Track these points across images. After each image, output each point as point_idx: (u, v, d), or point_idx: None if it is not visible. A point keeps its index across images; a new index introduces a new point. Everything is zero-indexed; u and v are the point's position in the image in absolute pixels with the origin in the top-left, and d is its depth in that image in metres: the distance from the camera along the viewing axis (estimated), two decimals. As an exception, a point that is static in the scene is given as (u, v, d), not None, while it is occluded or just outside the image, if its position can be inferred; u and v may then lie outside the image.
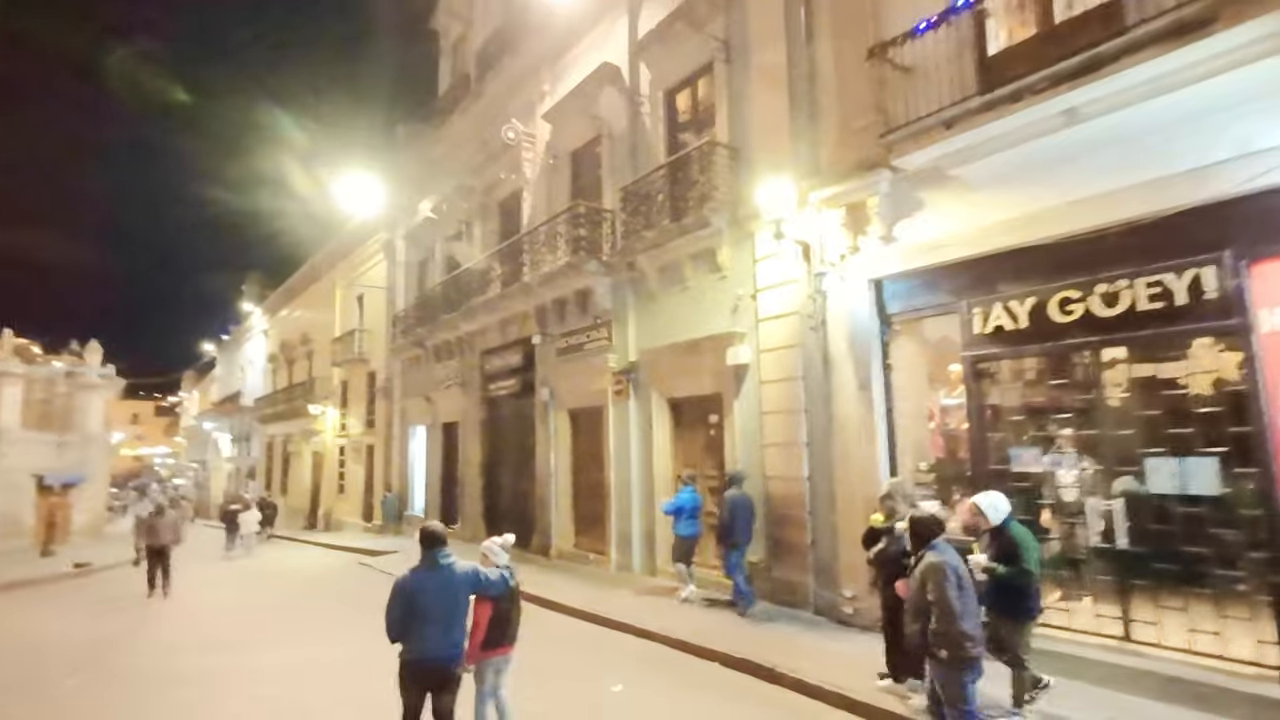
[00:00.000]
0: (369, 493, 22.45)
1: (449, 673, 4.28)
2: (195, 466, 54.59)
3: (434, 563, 4.31)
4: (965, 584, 4.23)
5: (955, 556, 4.33)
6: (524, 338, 13.97)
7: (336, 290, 26.46)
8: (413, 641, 4.21)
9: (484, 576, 4.49)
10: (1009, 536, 4.82)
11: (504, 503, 15.14)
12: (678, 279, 10.13)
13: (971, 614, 4.22)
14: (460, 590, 4.35)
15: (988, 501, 4.98)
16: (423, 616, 4.18)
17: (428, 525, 4.56)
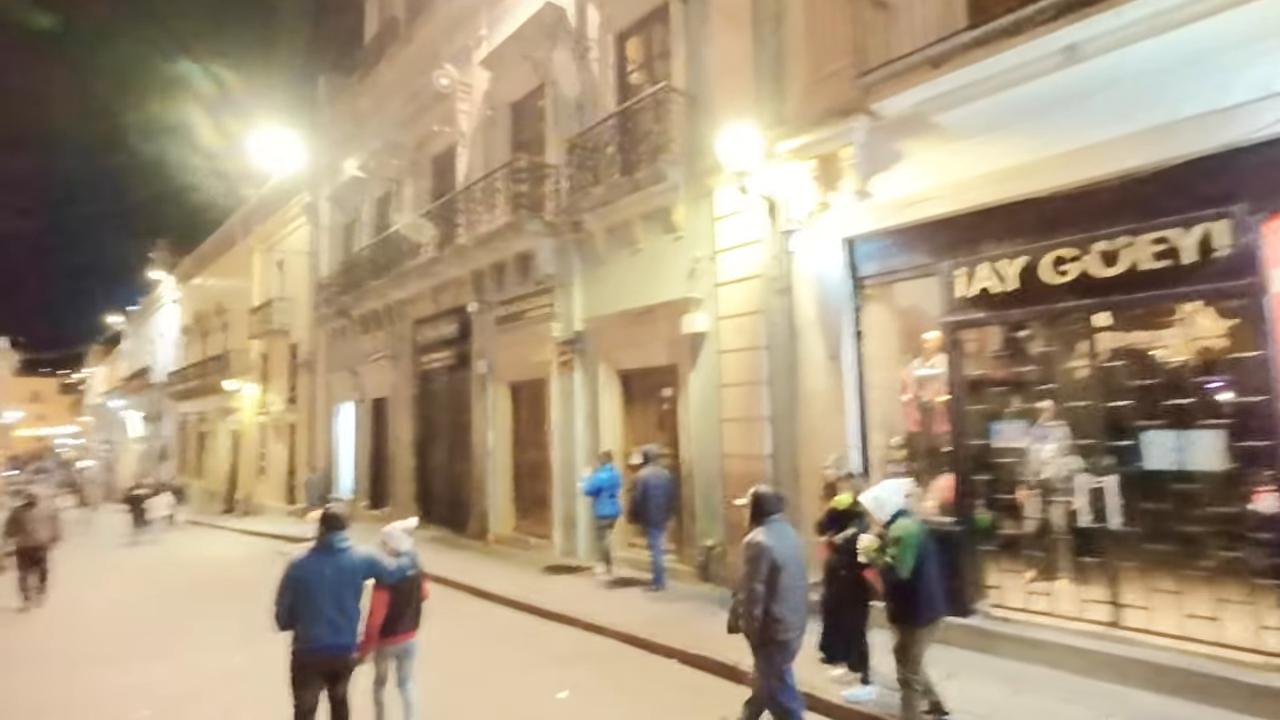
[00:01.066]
0: (292, 474, 20.92)
1: (341, 662, 4.13)
2: (104, 447, 50.83)
3: (329, 547, 4.16)
4: (785, 564, 3.99)
5: (779, 536, 4.08)
6: (459, 306, 12.89)
7: (255, 256, 24.47)
8: (302, 629, 4.02)
9: (379, 562, 4.36)
10: (892, 534, 4.28)
11: (438, 484, 14.12)
12: (628, 240, 9.30)
13: (789, 597, 4.00)
14: (354, 576, 4.19)
15: (871, 497, 4.43)
16: (314, 603, 4.01)
17: (329, 507, 4.41)
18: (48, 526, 9.62)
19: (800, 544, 4.30)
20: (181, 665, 6.40)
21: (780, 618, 3.94)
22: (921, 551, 4.17)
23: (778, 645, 4.01)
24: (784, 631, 3.97)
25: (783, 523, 4.21)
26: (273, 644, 4.61)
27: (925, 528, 4.35)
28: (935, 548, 4.35)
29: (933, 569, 4.23)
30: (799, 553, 4.18)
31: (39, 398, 70.78)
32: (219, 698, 5.60)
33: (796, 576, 4.06)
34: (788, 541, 4.12)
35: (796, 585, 4.05)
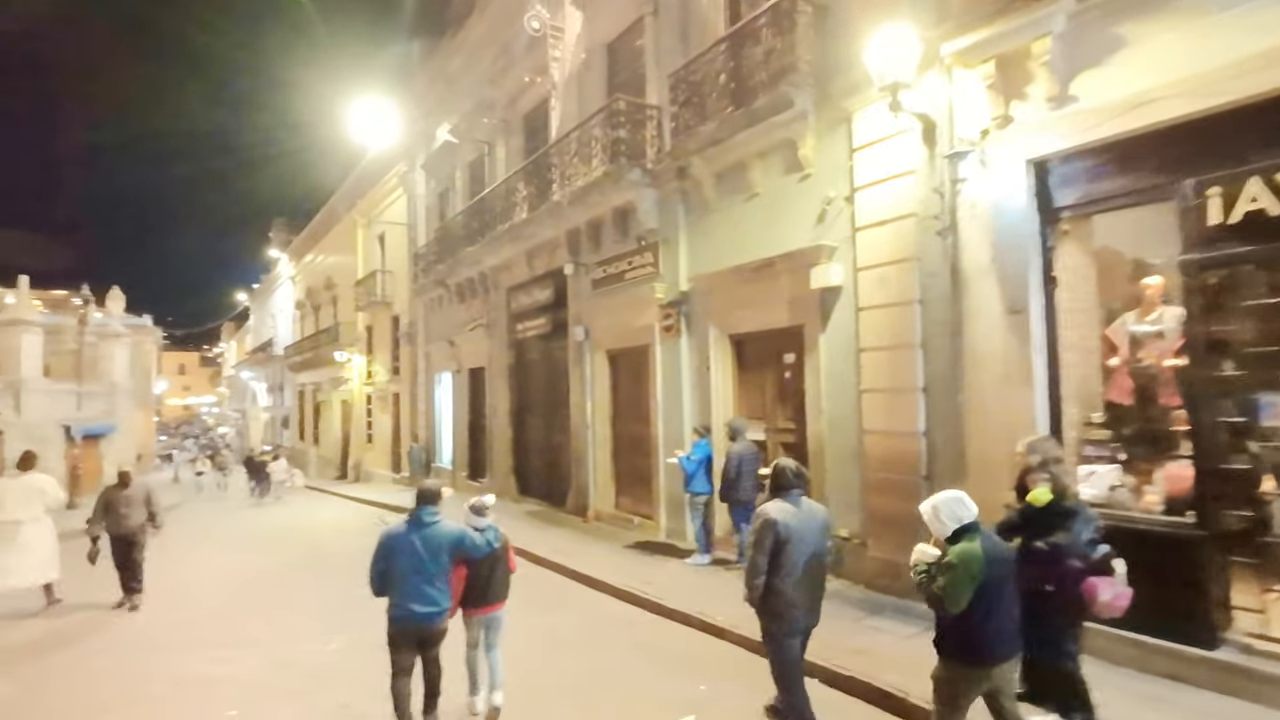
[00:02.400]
0: (396, 443, 21.28)
1: (430, 630, 4.24)
2: (236, 415, 55.09)
3: (419, 520, 4.29)
4: (793, 539, 3.89)
5: (794, 511, 3.96)
6: (554, 270, 12.12)
7: (358, 230, 24.90)
8: (394, 598, 4.19)
9: (468, 538, 4.40)
10: (947, 558, 3.34)
11: (535, 456, 13.60)
12: (742, 185, 8.09)
13: (796, 572, 3.89)
14: (441, 549, 4.25)
15: (929, 506, 3.43)
16: (403, 572, 4.16)
17: (424, 482, 4.59)
18: (140, 509, 7.69)
19: (825, 521, 4.18)
20: (274, 655, 5.97)
21: (781, 591, 3.88)
22: (986, 583, 3.24)
23: (776, 617, 3.98)
24: (785, 606, 3.91)
25: (801, 497, 4.08)
26: (367, 629, 4.79)
27: (1000, 551, 3.41)
28: (1010, 573, 3.41)
29: (1002, 603, 3.32)
30: (818, 529, 4.05)
31: (184, 370, 77.81)
32: (307, 699, 5.07)
33: (807, 553, 3.93)
34: (803, 517, 3.98)
35: (807, 561, 3.92)
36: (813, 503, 4.20)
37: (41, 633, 6.80)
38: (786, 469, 4.11)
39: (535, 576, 8.44)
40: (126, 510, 7.55)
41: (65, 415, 20.56)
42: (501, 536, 4.68)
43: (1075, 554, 3.80)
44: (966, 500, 3.37)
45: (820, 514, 4.16)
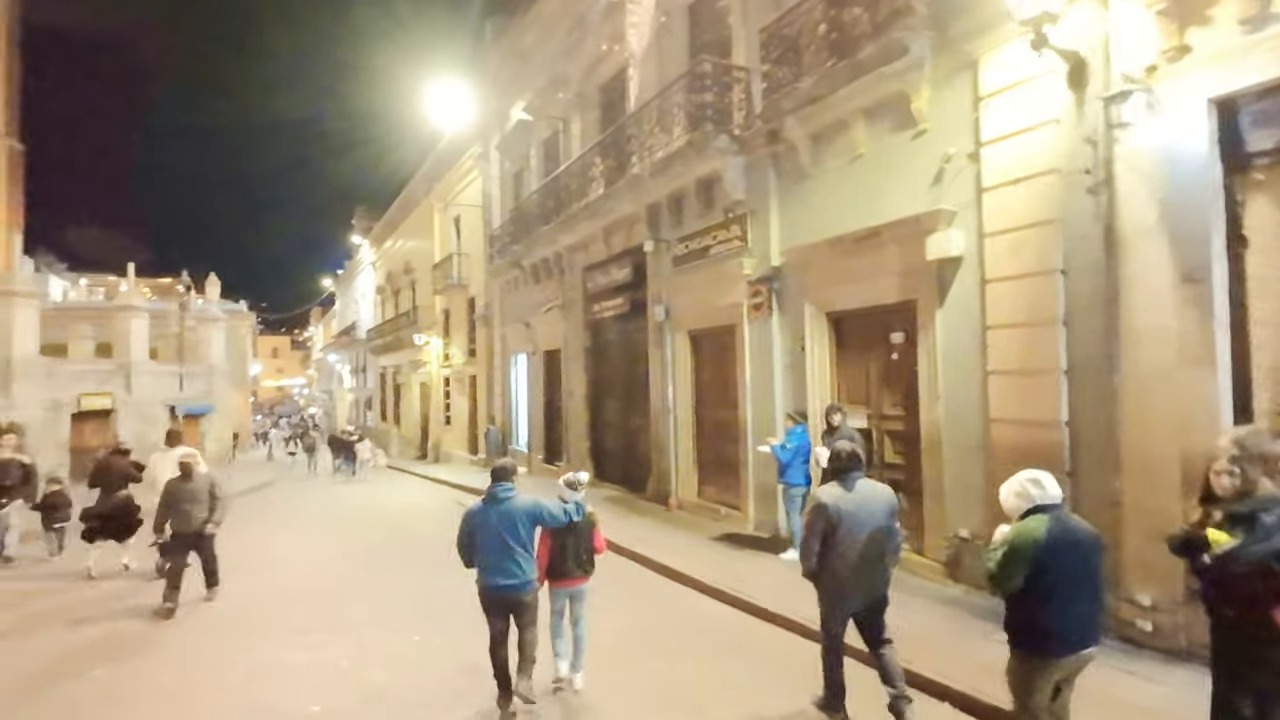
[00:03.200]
0: (473, 424, 21.50)
1: (515, 600, 4.34)
2: (324, 396, 57.79)
3: (494, 496, 4.40)
4: (846, 521, 3.90)
5: (848, 494, 3.97)
6: (633, 247, 11.66)
7: (434, 214, 25.18)
8: (480, 570, 4.37)
9: (545, 509, 4.46)
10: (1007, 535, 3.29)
11: (613, 441, 13.28)
12: (844, 147, 7.37)
13: (850, 554, 3.90)
14: (518, 522, 4.34)
15: (1005, 486, 3.36)
16: (485, 547, 4.33)
17: (498, 461, 4.67)
18: (203, 504, 6.97)
19: (888, 502, 4.07)
20: (356, 644, 5.82)
21: (835, 571, 3.94)
22: (1047, 566, 3.12)
23: (827, 596, 4.07)
24: (837, 585, 3.98)
25: (859, 479, 4.07)
26: (448, 622, 5.42)
27: (1073, 535, 3.20)
28: (1088, 560, 3.20)
29: (1070, 590, 3.14)
30: (877, 511, 3.99)
31: (277, 354, 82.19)
32: (388, 697, 4.84)
33: (862, 535, 3.92)
34: (859, 499, 3.98)
35: (863, 543, 3.92)
36: (874, 484, 4.19)
37: (130, 612, 6.89)
38: (843, 451, 4.13)
39: (617, 567, 8.09)
40: (190, 506, 6.89)
41: (169, 395, 21.78)
42: (587, 512, 4.72)
43: (1261, 567, 3.02)
44: (1044, 480, 3.26)
45: (881, 496, 4.08)
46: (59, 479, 9.38)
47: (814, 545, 3.95)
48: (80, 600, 7.24)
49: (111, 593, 7.48)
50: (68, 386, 17.90)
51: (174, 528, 6.91)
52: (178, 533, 6.91)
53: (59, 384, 17.57)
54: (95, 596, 7.39)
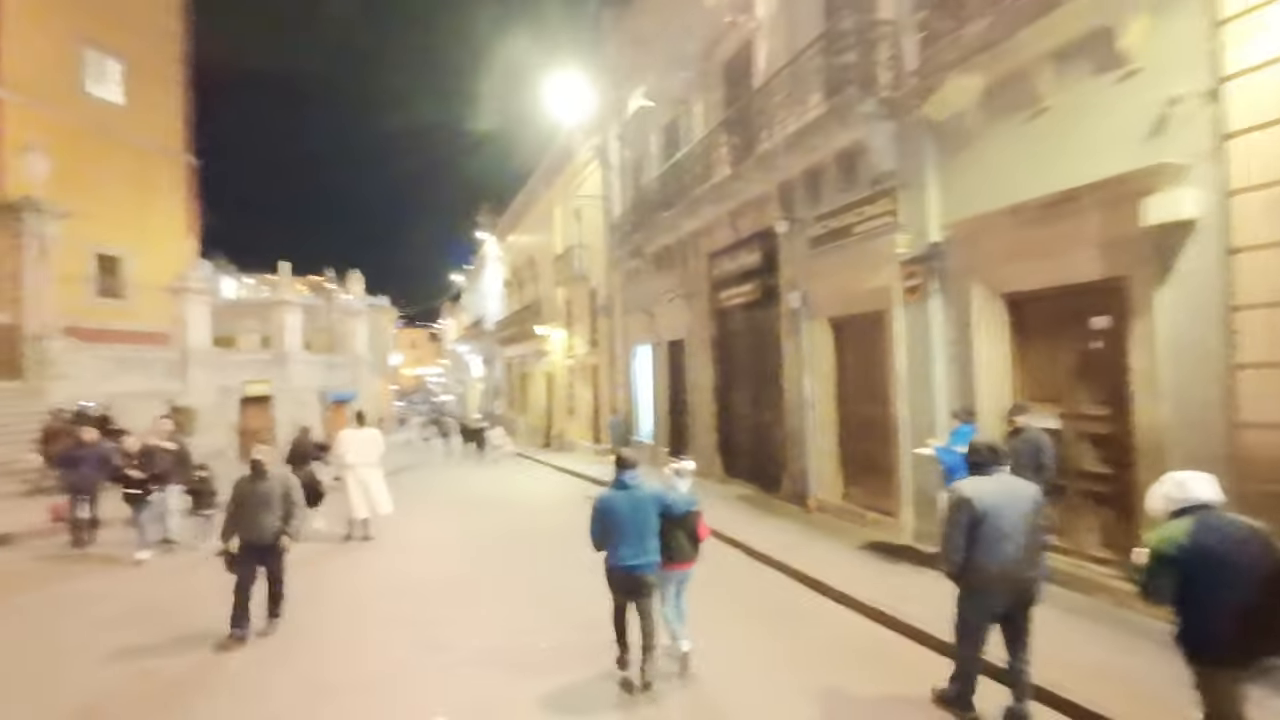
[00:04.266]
0: (596, 415, 21.55)
1: (640, 580, 4.68)
2: (456, 385, 61.09)
3: (623, 484, 4.75)
4: (989, 514, 3.75)
5: (989, 488, 3.85)
6: (763, 230, 10.91)
7: (555, 208, 25.48)
8: (609, 552, 4.72)
9: (668, 500, 4.88)
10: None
11: (742, 435, 12.62)
12: (1023, 99, 6.27)
13: (995, 547, 3.75)
14: (646, 508, 4.73)
15: (1152, 493, 3.25)
16: (614, 531, 4.67)
17: (621, 451, 5.08)
18: (277, 510, 5.80)
19: (1033, 498, 3.87)
20: (483, 645, 5.62)
21: (981, 568, 3.79)
22: (1192, 569, 2.93)
23: (971, 593, 3.91)
24: (983, 583, 3.83)
25: (1001, 474, 3.95)
26: (578, 630, 5.56)
27: (1223, 534, 2.95)
28: (1248, 561, 2.89)
29: (1228, 593, 2.89)
30: (1024, 507, 3.82)
31: (415, 345, 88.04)
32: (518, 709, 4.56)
33: (1009, 529, 3.76)
34: (1003, 493, 3.84)
35: (1010, 539, 3.76)
36: (1017, 480, 4.04)
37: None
38: (982, 446, 4.06)
39: (754, 576, 7.52)
40: (260, 512, 5.71)
41: (319, 383, 23.50)
42: (696, 501, 5.14)
43: None
44: (1190, 480, 3.12)
45: (1026, 492, 3.91)
46: (205, 466, 9.64)
47: (959, 540, 3.80)
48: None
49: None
50: (234, 374, 19.65)
51: (242, 537, 5.77)
52: (246, 543, 5.77)
53: (227, 372, 19.31)
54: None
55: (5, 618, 6.69)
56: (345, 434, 9.80)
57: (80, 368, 15.35)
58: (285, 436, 21.54)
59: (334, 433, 21.47)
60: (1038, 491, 3.95)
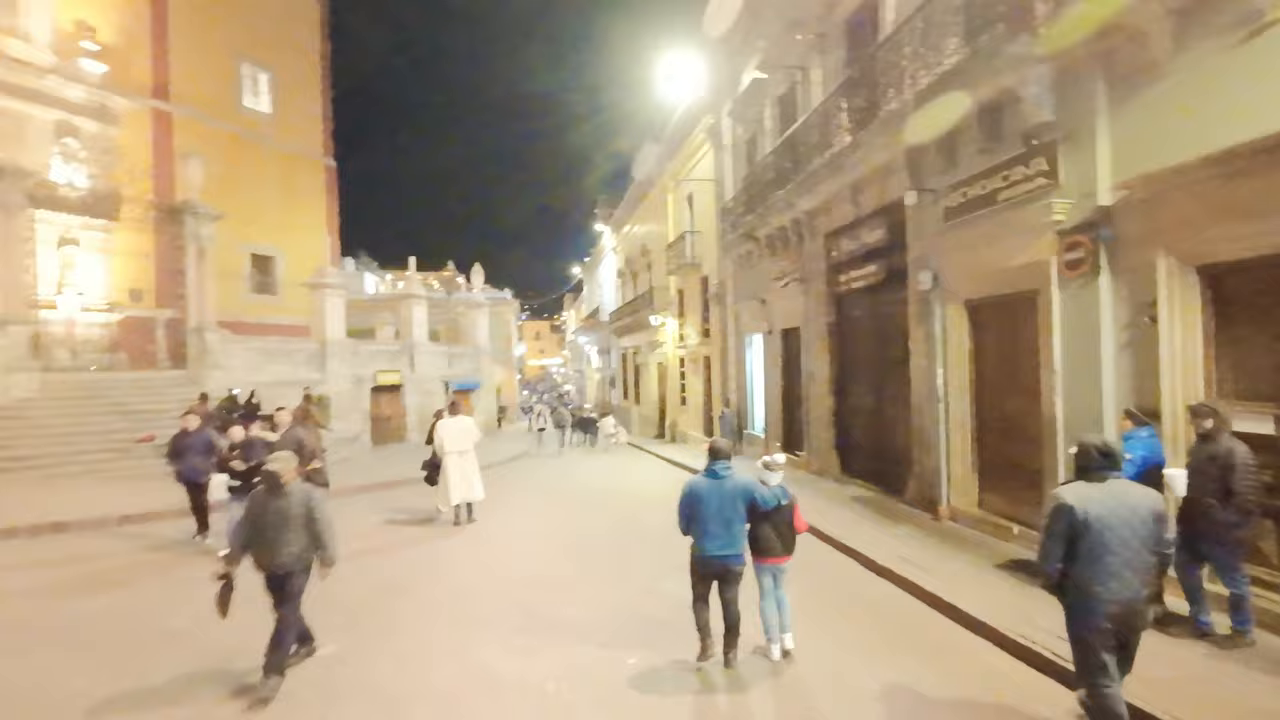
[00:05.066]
0: (708, 406, 20.91)
1: (725, 569, 4.71)
2: (576, 375, 62.61)
3: (714, 473, 4.75)
4: (1096, 527, 3.32)
5: (1098, 497, 3.37)
6: (888, 203, 9.79)
7: (668, 195, 24.97)
8: (696, 539, 4.76)
9: (758, 490, 4.84)
10: None
11: (862, 432, 11.54)
12: (1234, 17, 4.93)
13: (1103, 562, 3.32)
14: (735, 498, 4.70)
15: None
16: (702, 518, 4.70)
17: (714, 440, 5.03)
18: (299, 535, 4.55)
19: (1152, 507, 3.38)
20: (568, 660, 5.19)
21: (1083, 586, 3.39)
22: None
23: (1076, 613, 3.47)
24: (1089, 602, 3.37)
25: (1114, 480, 3.44)
26: (666, 649, 5.16)
27: None
28: None
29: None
30: (1140, 519, 3.35)
31: (539, 336, 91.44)
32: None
33: (1120, 544, 3.31)
34: (1113, 502, 3.36)
35: (1121, 555, 3.32)
36: (1134, 487, 3.55)
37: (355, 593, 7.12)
38: (1091, 447, 3.53)
39: (871, 591, 6.64)
40: (275, 533, 4.50)
41: (444, 373, 24.49)
42: (790, 494, 5.07)
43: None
44: None
45: (1145, 501, 3.43)
46: (320, 456, 8.68)
47: (1055, 550, 3.45)
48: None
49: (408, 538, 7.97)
50: (367, 364, 20.81)
51: (256, 561, 4.58)
52: (261, 569, 4.59)
53: (361, 362, 20.48)
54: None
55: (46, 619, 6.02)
56: (441, 423, 10.10)
57: (233, 358, 16.75)
58: (415, 423, 22.83)
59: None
60: (1158, 502, 3.45)
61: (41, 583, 7.05)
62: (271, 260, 24.29)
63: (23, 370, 12.87)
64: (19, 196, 13.24)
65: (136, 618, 6.07)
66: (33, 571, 7.43)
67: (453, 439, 9.76)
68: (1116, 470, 3.48)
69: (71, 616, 6.11)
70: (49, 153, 17.49)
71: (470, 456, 9.88)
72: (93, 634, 5.70)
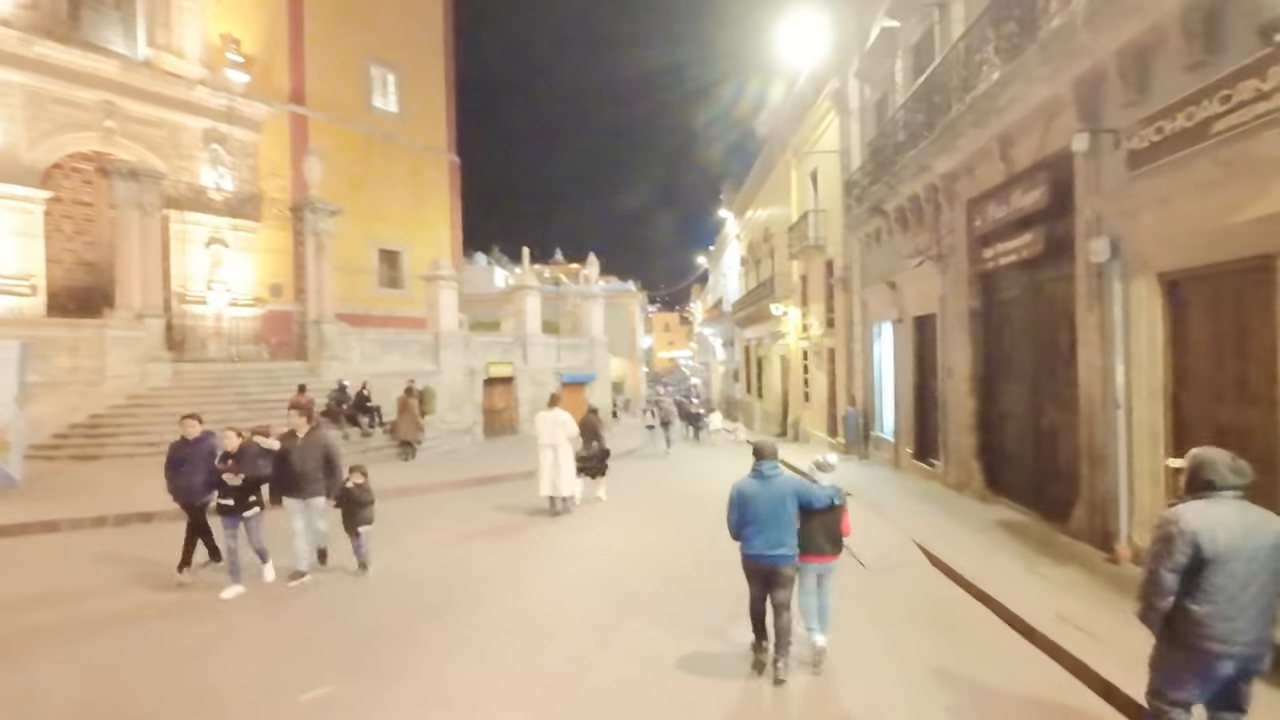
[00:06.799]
0: (832, 403, 18.97)
1: (775, 570, 4.59)
2: (702, 367, 61.53)
3: (761, 473, 4.68)
4: (1224, 558, 2.80)
5: (1224, 519, 2.83)
6: (1049, 156, 7.74)
7: (791, 172, 23.07)
8: (745, 540, 4.67)
9: (807, 490, 4.78)
10: None
11: (1013, 440, 9.44)
12: None
13: (1226, 600, 2.81)
14: (784, 499, 4.62)
15: None
16: (751, 519, 4.62)
17: (759, 440, 5.23)
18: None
19: (1277, 534, 2.82)
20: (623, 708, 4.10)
21: (1200, 621, 2.86)
22: None
23: (1186, 651, 2.92)
24: (1202, 639, 2.86)
25: (1241, 502, 2.91)
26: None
27: None
28: None
29: None
30: (1263, 546, 2.82)
31: (669, 328, 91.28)
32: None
33: (1243, 576, 2.81)
34: (1242, 530, 2.82)
35: (1244, 588, 2.82)
36: (1260, 511, 2.92)
37: (398, 614, 6.37)
38: (1213, 461, 2.96)
39: (1015, 660, 4.93)
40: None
41: (557, 365, 24.26)
42: (842, 494, 4.99)
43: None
44: None
45: (1272, 526, 2.84)
46: (361, 468, 7.04)
47: (1168, 583, 2.86)
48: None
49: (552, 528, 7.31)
50: (480, 356, 20.90)
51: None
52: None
53: (473, 353, 20.59)
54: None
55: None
56: (538, 415, 10.23)
57: (350, 350, 17.26)
58: (527, 415, 22.73)
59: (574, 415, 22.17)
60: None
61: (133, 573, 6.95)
62: (398, 255, 25.23)
63: (157, 360, 13.76)
64: (154, 197, 14.15)
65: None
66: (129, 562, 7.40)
67: (546, 432, 9.80)
68: (1240, 489, 2.94)
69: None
70: (199, 159, 18.96)
71: (564, 450, 9.85)
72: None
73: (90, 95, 16.72)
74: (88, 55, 16.43)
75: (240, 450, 6.25)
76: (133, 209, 13.90)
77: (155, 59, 18.11)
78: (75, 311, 15.49)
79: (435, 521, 9.49)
